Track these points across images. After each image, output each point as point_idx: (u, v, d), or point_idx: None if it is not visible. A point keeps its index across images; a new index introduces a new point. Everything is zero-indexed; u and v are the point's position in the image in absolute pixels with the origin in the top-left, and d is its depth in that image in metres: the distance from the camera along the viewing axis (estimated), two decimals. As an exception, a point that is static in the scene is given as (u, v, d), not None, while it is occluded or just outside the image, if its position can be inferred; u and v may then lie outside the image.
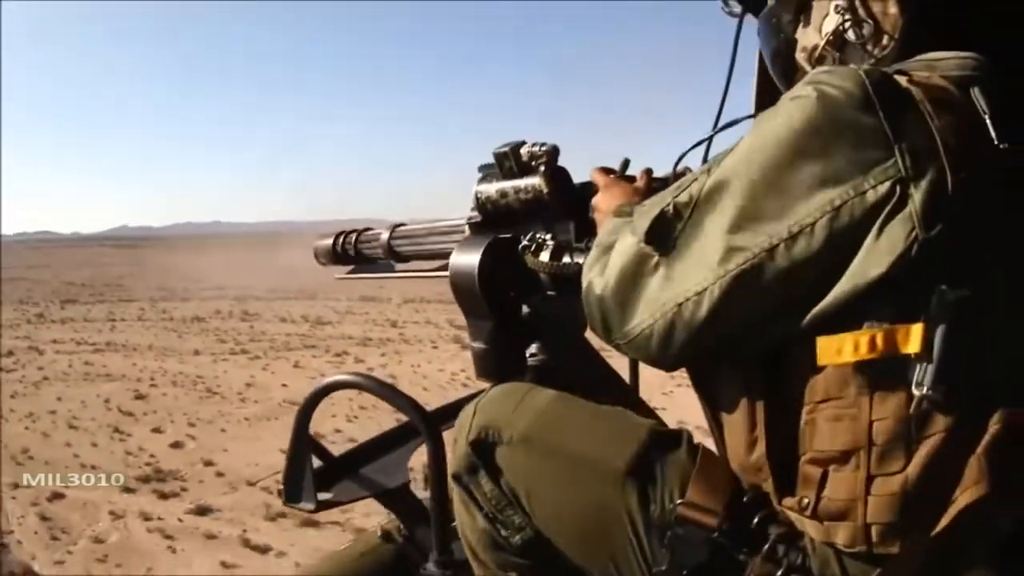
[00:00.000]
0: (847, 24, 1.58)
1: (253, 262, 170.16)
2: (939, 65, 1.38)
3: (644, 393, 2.75)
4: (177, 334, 79.26)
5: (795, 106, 1.35)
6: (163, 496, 36.88)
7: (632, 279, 1.52)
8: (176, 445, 43.59)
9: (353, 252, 3.05)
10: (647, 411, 2.26)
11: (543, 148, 2.18)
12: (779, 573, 1.41)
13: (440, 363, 62.39)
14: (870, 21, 1.56)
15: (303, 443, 2.31)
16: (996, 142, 1.28)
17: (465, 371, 59.23)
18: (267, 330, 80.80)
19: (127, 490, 37.22)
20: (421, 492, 2.49)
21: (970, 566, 1.32)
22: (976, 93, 1.32)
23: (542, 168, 2.18)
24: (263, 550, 31.35)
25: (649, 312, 1.49)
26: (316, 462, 2.43)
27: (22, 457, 41.34)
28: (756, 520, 1.47)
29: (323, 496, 2.33)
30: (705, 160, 1.97)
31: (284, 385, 55.74)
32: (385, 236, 2.86)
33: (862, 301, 1.28)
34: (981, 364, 1.27)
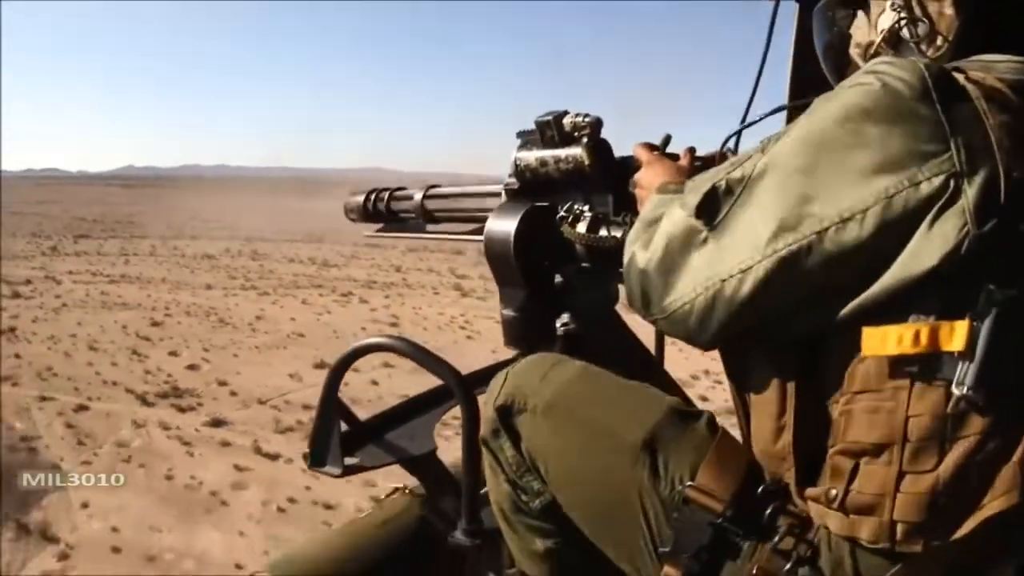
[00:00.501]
0: (902, 22, 1.56)
1: (261, 205, 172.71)
2: (995, 67, 1.37)
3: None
4: (189, 270, 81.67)
5: (854, 92, 1.35)
6: (181, 410, 39.86)
7: (678, 252, 1.49)
8: (192, 367, 46.42)
9: (385, 211, 3.04)
10: (672, 385, 2.29)
11: (587, 119, 2.15)
12: (787, 566, 1.40)
13: (440, 307, 65.09)
14: (925, 21, 1.54)
15: (331, 407, 2.27)
16: None
17: (464, 315, 62.53)
18: (275, 269, 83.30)
19: (147, 403, 40.49)
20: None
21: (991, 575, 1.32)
22: None
23: (585, 139, 2.16)
24: (273, 457, 34.57)
25: (691, 287, 1.46)
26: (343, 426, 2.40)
27: (46, 374, 44.07)
28: (767, 510, 1.46)
29: (349, 461, 2.29)
30: (737, 146, 2.03)
31: (292, 319, 58.81)
32: (419, 196, 2.84)
33: (909, 294, 1.26)
34: None
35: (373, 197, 3.08)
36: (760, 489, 1.49)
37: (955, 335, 1.23)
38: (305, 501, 30.31)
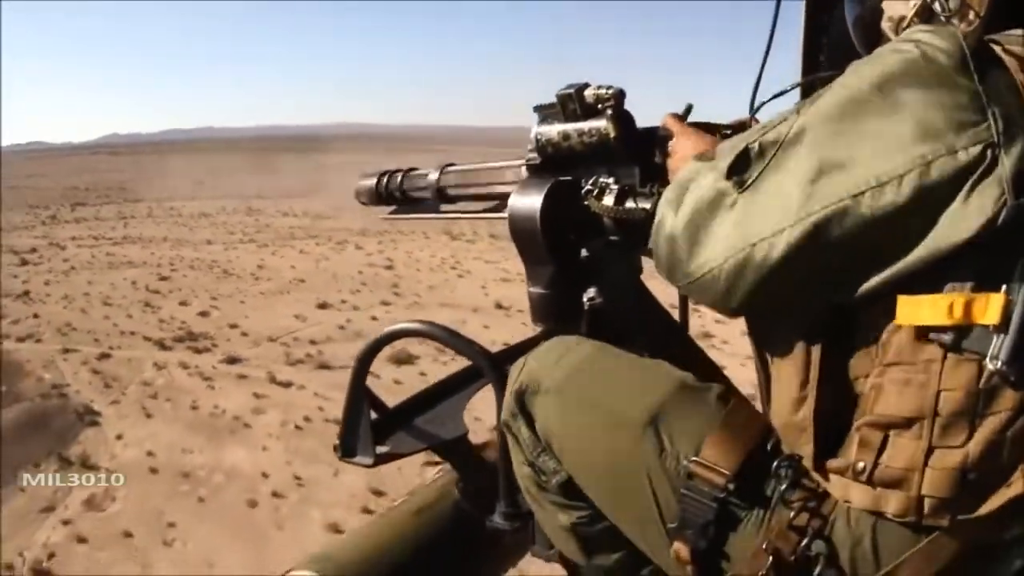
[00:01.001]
0: None
1: (249, 164, 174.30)
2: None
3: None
4: (188, 228, 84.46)
5: (893, 59, 1.33)
6: (197, 351, 42.97)
7: (707, 215, 1.45)
8: (203, 314, 49.42)
9: (399, 193, 2.86)
10: (698, 352, 2.33)
11: (610, 91, 2.11)
12: (802, 541, 1.35)
13: (431, 251, 68.34)
14: None
15: (360, 395, 2.19)
16: None
17: (454, 257, 65.55)
18: (271, 223, 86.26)
19: (165, 348, 43.50)
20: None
21: (1012, 556, 1.30)
22: None
23: (609, 111, 2.11)
24: (286, 385, 37.89)
25: (721, 250, 1.41)
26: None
27: (66, 329, 47.09)
28: (781, 484, 1.41)
29: (380, 449, 2.20)
30: (752, 113, 2.05)
31: (292, 267, 61.95)
32: (434, 176, 2.71)
33: (945, 264, 1.23)
34: None
35: (386, 179, 2.92)
36: (775, 462, 1.43)
37: (990, 308, 1.20)
38: (318, 420, 33.66)
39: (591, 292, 2.22)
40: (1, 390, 37.43)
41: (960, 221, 1.21)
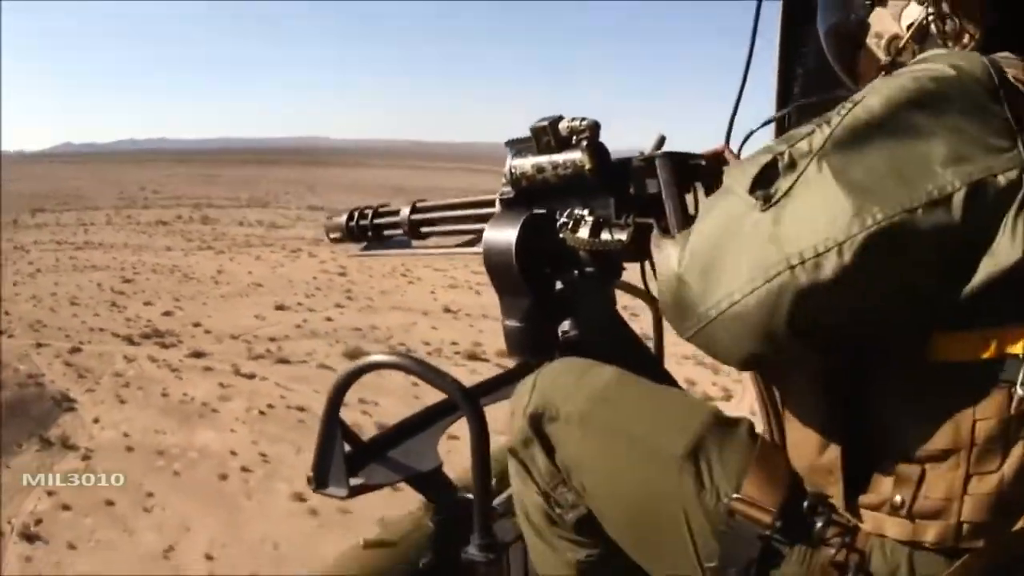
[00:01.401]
0: (931, 18, 1.51)
1: (203, 175, 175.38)
2: (1013, 63, 1.34)
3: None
4: (147, 235, 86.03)
5: (931, 78, 1.27)
6: (164, 347, 45.20)
7: (727, 238, 1.30)
8: (167, 314, 51.57)
9: (370, 229, 2.80)
10: (674, 385, 2.18)
11: (584, 123, 2.07)
12: None
13: (383, 262, 70.30)
14: (954, 19, 1.50)
15: (333, 427, 2.12)
16: None
17: (404, 265, 67.81)
18: (227, 231, 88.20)
19: (133, 343, 45.67)
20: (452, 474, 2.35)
21: None
22: None
23: (584, 143, 2.07)
24: (250, 376, 40.49)
25: (748, 275, 1.25)
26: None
27: (37, 326, 48.89)
28: (817, 522, 1.36)
29: (354, 481, 2.13)
30: (729, 134, 2.03)
31: (250, 272, 64.24)
32: (406, 212, 2.66)
33: (983, 296, 1.19)
34: None
35: (356, 215, 2.79)
36: (807, 501, 1.38)
37: (1020, 339, 1.19)
38: (281, 407, 36.45)
39: (566, 325, 2.17)
40: None
41: (1008, 250, 1.17)
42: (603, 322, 2.26)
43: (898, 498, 1.29)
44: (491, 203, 2.42)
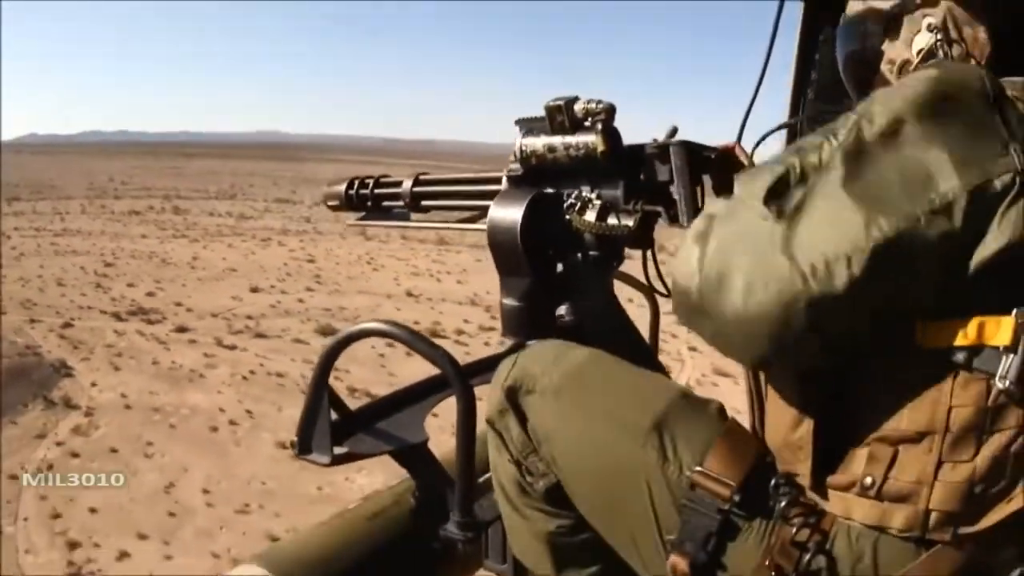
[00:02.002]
0: (939, 44, 1.54)
1: (171, 167, 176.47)
2: (1017, 85, 1.35)
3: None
4: (121, 223, 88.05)
5: (927, 88, 1.30)
6: (150, 322, 48.24)
7: (744, 246, 1.32)
8: (150, 294, 54.36)
9: (370, 200, 2.79)
10: (666, 375, 2.13)
11: (600, 105, 2.05)
12: (807, 558, 1.31)
13: (349, 248, 74.34)
14: (961, 44, 1.53)
15: (321, 394, 2.04)
16: None
17: (369, 254, 71.78)
18: (199, 221, 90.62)
19: (121, 319, 48.62)
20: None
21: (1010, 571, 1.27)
22: None
23: (599, 126, 2.04)
24: (231, 347, 43.92)
25: (763, 285, 1.28)
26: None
27: (28, 304, 51.51)
28: (780, 500, 1.37)
29: (338, 450, 2.07)
30: (741, 135, 2.01)
31: (224, 259, 67.12)
32: (408, 184, 2.62)
33: (967, 288, 1.22)
34: None
35: (356, 184, 2.78)
36: (772, 481, 1.38)
37: (1001, 330, 1.20)
38: (261, 373, 40.05)
39: (563, 308, 2.16)
40: None
41: (993, 240, 1.20)
42: (601, 308, 2.22)
43: (868, 479, 1.29)
44: (496, 180, 2.39)
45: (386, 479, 2.42)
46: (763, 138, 1.96)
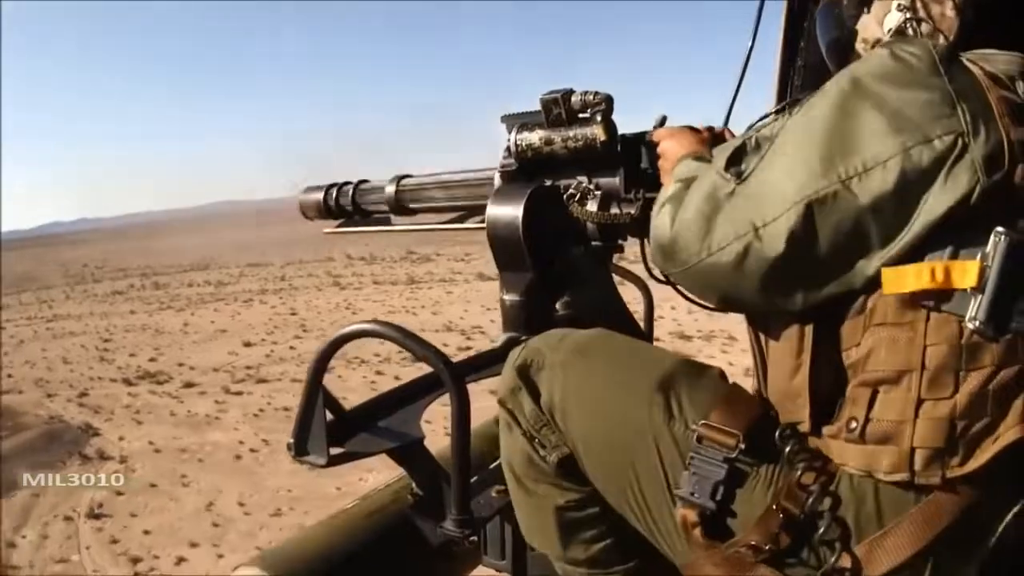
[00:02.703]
0: (907, 22, 1.61)
1: (138, 247, 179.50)
2: (992, 59, 1.41)
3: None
4: (108, 303, 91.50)
5: (873, 63, 1.40)
6: (159, 383, 52.68)
7: (709, 205, 1.47)
8: (152, 360, 58.76)
9: (350, 206, 2.80)
10: None
11: (598, 96, 2.09)
12: (810, 500, 1.35)
13: (326, 298, 79.15)
14: (929, 21, 1.59)
15: (316, 395, 2.04)
16: None
17: (346, 300, 76.51)
18: (180, 293, 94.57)
19: (131, 384, 52.96)
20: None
21: (1008, 514, 1.30)
22: (1020, 86, 1.36)
23: (599, 116, 2.09)
24: (238, 393, 48.58)
25: (720, 237, 1.43)
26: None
27: (41, 382, 55.45)
28: (785, 448, 1.42)
29: (334, 451, 2.06)
30: (728, 119, 2.11)
31: (212, 321, 71.61)
32: (391, 188, 2.63)
33: (926, 239, 1.29)
34: None
35: (335, 192, 2.78)
36: (776, 431, 1.43)
37: (967, 273, 1.25)
38: (270, 410, 44.73)
39: (564, 300, 2.18)
40: (7, 424, 45.47)
41: (939, 201, 1.26)
42: (602, 297, 2.27)
43: (852, 422, 1.34)
44: (485, 178, 2.39)
45: (398, 477, 2.32)
46: (750, 128, 1.91)
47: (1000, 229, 1.25)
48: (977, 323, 1.25)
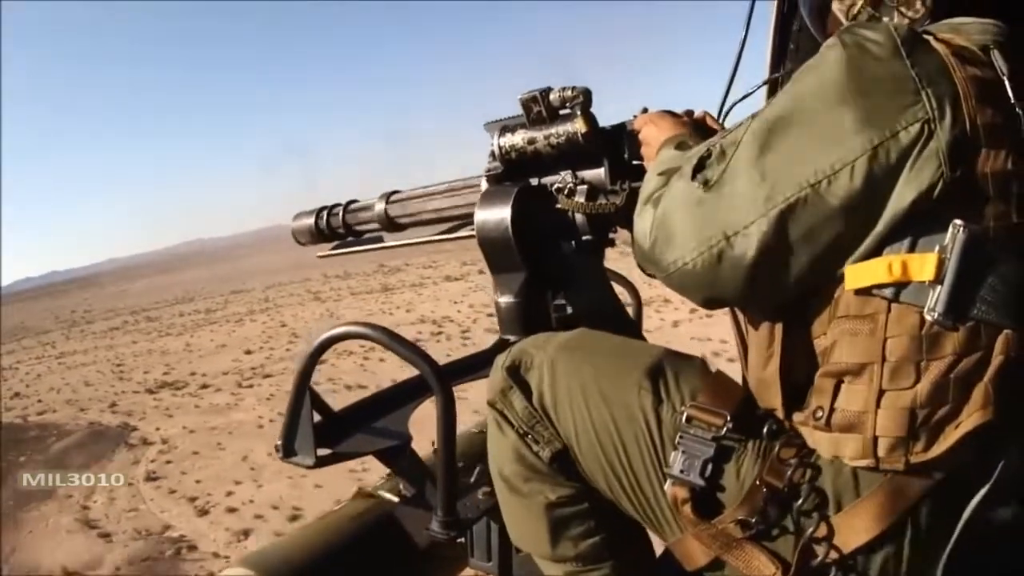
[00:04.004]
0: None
1: (119, 290, 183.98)
2: (963, 29, 1.40)
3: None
4: (109, 338, 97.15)
5: (832, 56, 1.38)
6: (177, 389, 59.78)
7: (679, 214, 1.49)
8: (166, 373, 65.46)
9: (342, 228, 2.84)
10: None
11: (576, 90, 2.08)
12: (788, 472, 1.39)
13: (310, 311, 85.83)
14: None
15: (303, 397, 2.11)
16: (1012, 101, 1.30)
17: (331, 312, 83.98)
18: (174, 322, 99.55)
19: (153, 392, 60.37)
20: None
21: (979, 497, 1.33)
22: (996, 56, 1.34)
23: (578, 110, 2.10)
24: (250, 386, 56.29)
25: (693, 245, 1.46)
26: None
27: (72, 401, 62.03)
28: (765, 428, 1.47)
29: (322, 452, 2.13)
30: (721, 111, 2.10)
31: (212, 340, 78.58)
32: (381, 206, 2.67)
33: (888, 234, 1.32)
34: (991, 296, 1.28)
35: (325, 215, 2.80)
36: (758, 412, 1.51)
37: (925, 265, 1.27)
38: (280, 394, 51.32)
39: (560, 299, 2.24)
40: (52, 432, 51.96)
41: (905, 192, 1.29)
42: (596, 292, 2.30)
43: (819, 411, 1.40)
44: (472, 186, 2.44)
45: (388, 478, 2.36)
46: (732, 107, 2.05)
47: (958, 222, 1.27)
48: (936, 315, 1.28)
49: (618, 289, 2.61)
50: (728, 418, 1.51)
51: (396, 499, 2.34)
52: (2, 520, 39.60)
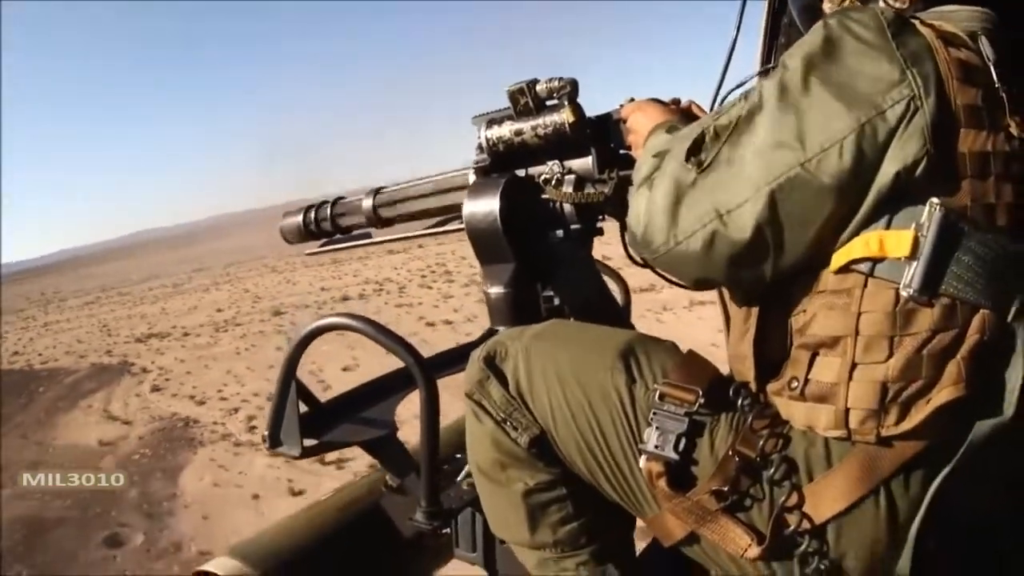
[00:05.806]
0: None
1: (82, 275, 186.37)
2: (951, 16, 1.42)
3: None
4: (87, 312, 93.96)
5: (820, 37, 1.38)
6: (162, 338, 57.00)
7: (674, 194, 1.48)
8: (150, 328, 65.10)
9: (330, 225, 2.83)
10: None
11: (563, 81, 2.09)
12: (760, 442, 1.40)
13: (270, 281, 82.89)
14: None
15: (289, 387, 2.11)
16: (997, 86, 1.31)
17: (285, 279, 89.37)
18: (145, 295, 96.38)
19: (140, 342, 61.19)
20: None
21: (946, 471, 1.31)
22: (983, 42, 1.36)
23: (566, 100, 2.10)
24: (224, 331, 57.73)
25: (687, 224, 1.46)
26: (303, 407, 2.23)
27: (70, 353, 62.82)
28: (738, 402, 1.47)
29: (308, 443, 2.12)
30: (713, 106, 2.03)
31: (184, 304, 78.83)
32: (368, 202, 2.68)
33: (872, 212, 1.31)
34: (967, 274, 1.28)
35: (313, 213, 2.80)
36: (732, 388, 1.49)
37: (901, 242, 1.28)
38: (250, 335, 51.19)
39: (550, 289, 2.21)
40: (60, 373, 55.73)
41: (889, 167, 1.29)
42: (585, 282, 2.29)
43: (794, 381, 1.40)
44: (460, 179, 2.43)
45: (374, 469, 2.34)
46: (723, 98, 1.94)
47: (935, 200, 1.28)
48: (911, 291, 1.28)
49: (611, 285, 2.69)
50: (700, 394, 1.52)
51: (383, 489, 2.36)
52: (36, 427, 48.43)
